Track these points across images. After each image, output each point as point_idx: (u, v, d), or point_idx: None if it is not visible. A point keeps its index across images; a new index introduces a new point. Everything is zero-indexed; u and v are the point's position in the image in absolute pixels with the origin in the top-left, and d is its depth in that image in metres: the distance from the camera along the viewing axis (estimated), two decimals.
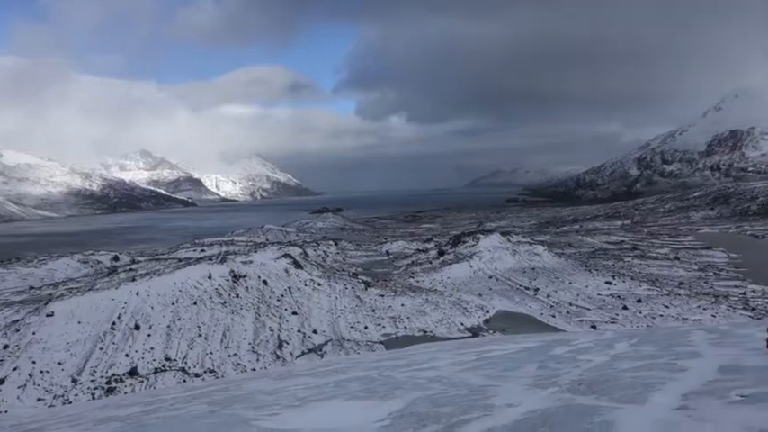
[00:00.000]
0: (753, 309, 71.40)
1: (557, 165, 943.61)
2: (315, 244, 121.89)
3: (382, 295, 73.66)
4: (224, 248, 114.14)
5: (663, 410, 7.93)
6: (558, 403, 9.07)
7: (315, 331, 60.49)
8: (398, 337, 59.11)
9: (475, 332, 61.25)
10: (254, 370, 47.04)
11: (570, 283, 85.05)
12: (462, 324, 65.45)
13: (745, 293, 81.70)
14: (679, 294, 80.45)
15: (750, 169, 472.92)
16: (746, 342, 16.66)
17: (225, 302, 63.97)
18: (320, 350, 55.16)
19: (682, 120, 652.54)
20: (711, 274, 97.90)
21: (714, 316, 67.88)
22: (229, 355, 52.75)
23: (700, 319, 63.98)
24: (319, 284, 75.38)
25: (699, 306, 73.63)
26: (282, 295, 69.92)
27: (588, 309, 73.21)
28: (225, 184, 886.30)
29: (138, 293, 61.13)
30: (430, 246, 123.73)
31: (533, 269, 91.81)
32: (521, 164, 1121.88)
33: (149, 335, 54.50)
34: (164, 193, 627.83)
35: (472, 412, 8.99)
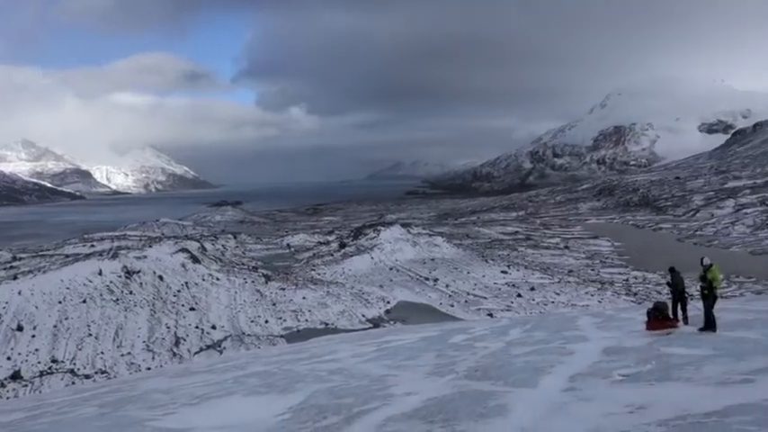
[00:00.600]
0: (635, 294, 75.89)
1: (455, 158, 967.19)
2: (213, 238, 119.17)
3: (283, 288, 73.01)
4: (116, 243, 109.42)
5: (552, 392, 8.36)
6: (454, 390, 9.36)
7: (213, 327, 59.22)
8: (300, 331, 58.86)
9: (376, 323, 61.81)
10: (149, 369, 45.50)
11: (468, 272, 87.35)
12: (364, 315, 65.91)
13: (627, 280, 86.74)
14: (569, 282, 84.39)
15: (632, 163, 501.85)
16: (628, 325, 17.76)
17: (117, 300, 61.48)
18: (219, 346, 54.07)
19: (571, 116, 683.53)
20: (598, 262, 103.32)
21: (600, 301, 71.70)
22: (122, 355, 50.81)
23: (587, 305, 67.42)
24: (218, 279, 73.80)
25: (587, 292, 77.53)
26: (179, 291, 67.97)
27: (485, 297, 75.51)
28: (116, 176, 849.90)
29: (20, 292, 57.74)
30: (331, 238, 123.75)
31: (433, 260, 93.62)
32: (421, 157, 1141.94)
33: (34, 336, 51.65)
34: (48, 185, 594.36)
35: (372, 402, 9.13)
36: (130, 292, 63.95)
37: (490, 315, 63.45)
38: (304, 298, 69.54)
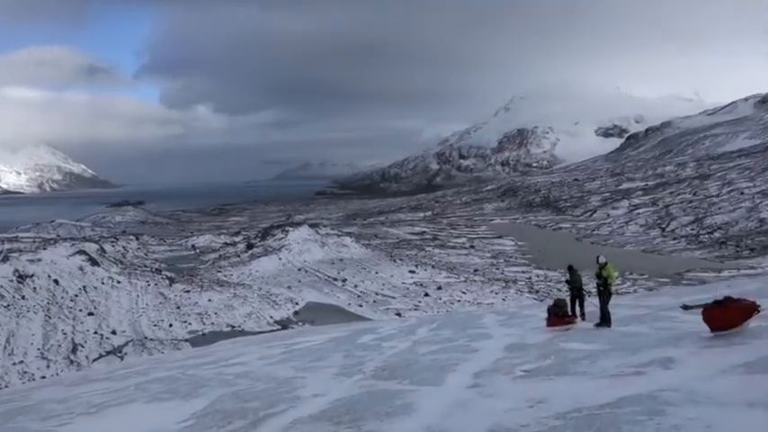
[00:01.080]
0: (537, 291, 78.68)
1: (364, 158, 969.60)
2: (113, 239, 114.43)
3: (188, 291, 71.11)
4: (6, 246, 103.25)
5: (457, 389, 8.52)
6: (362, 390, 9.38)
7: (114, 332, 56.93)
8: (205, 334, 57.50)
9: (284, 325, 61.22)
10: (43, 378, 43.20)
11: (377, 273, 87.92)
12: (272, 317, 65.13)
13: (530, 278, 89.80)
14: (474, 280, 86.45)
15: (534, 164, 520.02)
16: (530, 322, 18.38)
17: (8, 305, 58.06)
18: (120, 352, 52.03)
19: (477, 118, 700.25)
20: (502, 261, 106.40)
21: (504, 299, 73.89)
22: (14, 363, 48.01)
23: (492, 303, 69.31)
24: (119, 282, 70.99)
25: (491, 291, 79.69)
26: (77, 295, 64.92)
27: (393, 297, 76.23)
28: (8, 174, 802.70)
29: None
30: (238, 239, 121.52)
31: (342, 260, 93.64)
32: (329, 157, 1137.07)
33: None
34: None
35: (279, 405, 9.01)
36: (23, 297, 60.55)
37: (398, 315, 64.08)
38: (210, 300, 68.00)
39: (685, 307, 11.85)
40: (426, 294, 76.99)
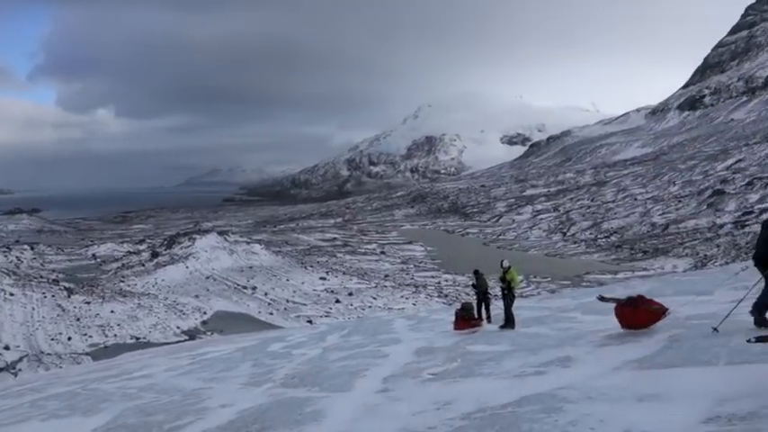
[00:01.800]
0: (446, 296, 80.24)
1: (274, 164, 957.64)
2: (5, 249, 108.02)
3: (88, 302, 68.11)
4: None
5: (366, 395, 8.60)
6: (271, 399, 9.31)
7: (7, 347, 53.75)
8: (108, 347, 55.28)
9: (192, 335, 59.71)
10: None
11: (287, 280, 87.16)
12: (179, 327, 63.38)
13: (439, 282, 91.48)
14: (385, 286, 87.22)
15: (442, 171, 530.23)
16: (439, 326, 18.75)
17: None
18: (13, 368, 49.16)
19: (386, 125, 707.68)
20: (412, 266, 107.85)
21: (415, 304, 74.87)
22: None
23: (403, 308, 70.08)
24: (12, 294, 67.10)
25: (402, 296, 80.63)
26: None
27: (304, 304, 75.79)
28: None
29: None
30: (142, 247, 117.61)
31: (251, 268, 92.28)
32: (238, 163, 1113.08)
33: None
34: None
35: (185, 417, 8.81)
36: None
37: (310, 322, 63.80)
38: (112, 311, 65.40)
39: (602, 298, 12.22)
40: (337, 301, 76.98)
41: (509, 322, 14.94)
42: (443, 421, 6.45)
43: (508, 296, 15.32)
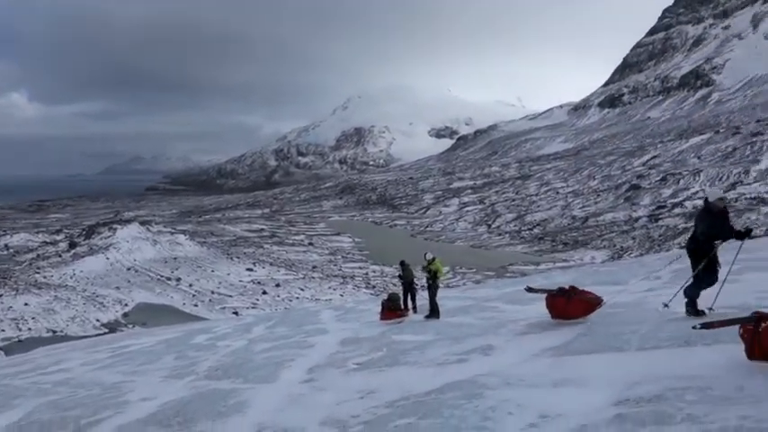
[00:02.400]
0: (373, 287, 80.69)
1: (200, 153, 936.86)
2: None
3: (0, 294, 65.09)
4: None
5: (291, 385, 8.59)
6: (193, 391, 9.17)
7: None
8: (22, 341, 53.00)
9: (112, 328, 57.98)
10: None
11: (213, 271, 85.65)
12: (98, 320, 61.39)
13: (367, 273, 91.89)
14: (313, 277, 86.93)
15: (371, 163, 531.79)
16: (365, 316, 18.87)
17: None
18: None
19: (315, 115, 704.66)
20: (340, 257, 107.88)
21: (342, 295, 74.98)
22: None
23: (330, 299, 70.06)
24: None
25: (330, 287, 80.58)
26: None
27: (230, 296, 74.70)
28: None
29: None
30: (60, 237, 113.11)
31: (175, 259, 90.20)
32: (162, 151, 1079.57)
33: None
34: None
35: (103, 412, 8.58)
36: None
37: (236, 313, 62.95)
38: (26, 304, 62.71)
39: (529, 289, 12.17)
40: (264, 292, 76.26)
41: (434, 312, 15.20)
42: (367, 410, 6.53)
43: (433, 287, 15.60)
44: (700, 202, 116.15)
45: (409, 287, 17.57)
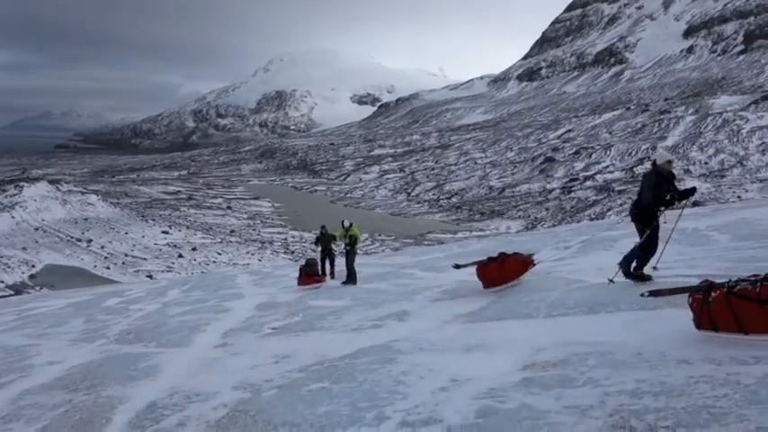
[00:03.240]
0: (292, 252, 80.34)
1: (113, 111, 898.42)
2: None
3: None
4: None
5: (204, 350, 8.50)
6: (103, 355, 8.93)
7: None
8: None
9: (18, 290, 55.58)
10: None
11: (126, 233, 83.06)
12: (2, 282, 58.68)
13: (286, 239, 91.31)
14: (231, 242, 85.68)
15: (292, 127, 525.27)
16: (282, 281, 18.80)
17: None
18: None
19: (236, 77, 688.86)
20: (259, 222, 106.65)
21: (260, 260, 74.36)
22: None
23: (248, 264, 69.36)
24: None
25: (248, 252, 79.67)
26: None
27: (145, 259, 72.77)
28: None
29: None
30: None
31: (86, 220, 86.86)
32: (73, 107, 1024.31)
33: None
34: None
35: (7, 375, 8.25)
36: None
37: (150, 277, 61.51)
38: None
39: (457, 266, 12.00)
40: (180, 256, 74.76)
41: (351, 278, 15.30)
42: (281, 374, 6.54)
43: (351, 253, 15.69)
44: (610, 176, 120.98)
45: (328, 253, 17.61)
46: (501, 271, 10.24)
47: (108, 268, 67.06)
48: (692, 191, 8.54)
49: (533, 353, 6.04)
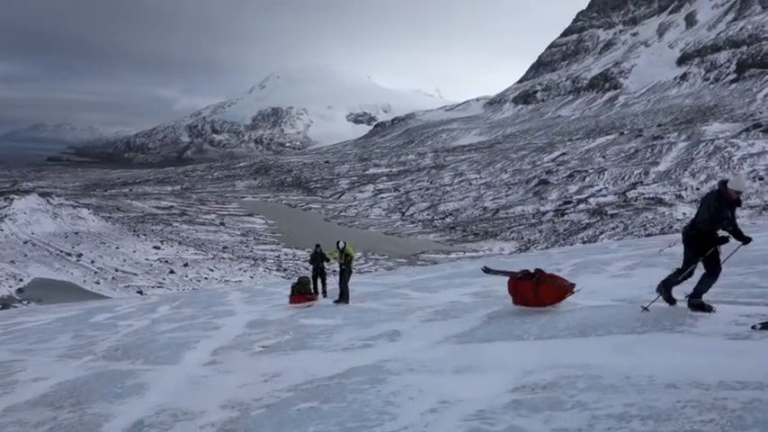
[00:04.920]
0: (285, 270, 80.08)
1: (107, 124, 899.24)
2: None
3: None
4: None
5: (193, 367, 8.43)
6: (90, 372, 8.85)
7: None
8: None
9: (5, 303, 55.03)
10: None
11: (117, 248, 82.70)
12: None
13: (279, 256, 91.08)
14: (223, 258, 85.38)
15: (288, 144, 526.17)
16: (274, 299, 18.73)
17: None
18: None
19: (232, 92, 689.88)
20: (252, 239, 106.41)
21: (252, 277, 74.09)
22: None
23: (240, 281, 69.09)
24: None
25: (240, 268, 79.37)
26: None
27: (135, 274, 72.38)
28: None
29: None
30: None
31: (77, 234, 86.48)
32: (67, 119, 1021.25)
33: None
34: None
35: None
36: None
37: (140, 292, 61.14)
38: None
39: (486, 270, 11.54)
40: (172, 271, 74.39)
41: (343, 297, 15.27)
42: (270, 393, 6.50)
43: (344, 272, 15.67)
44: (603, 200, 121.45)
45: (320, 271, 17.59)
46: (536, 294, 9.53)
47: (98, 283, 66.64)
48: (748, 240, 7.82)
49: (523, 375, 6.03)
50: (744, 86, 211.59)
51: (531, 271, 9.85)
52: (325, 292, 17.39)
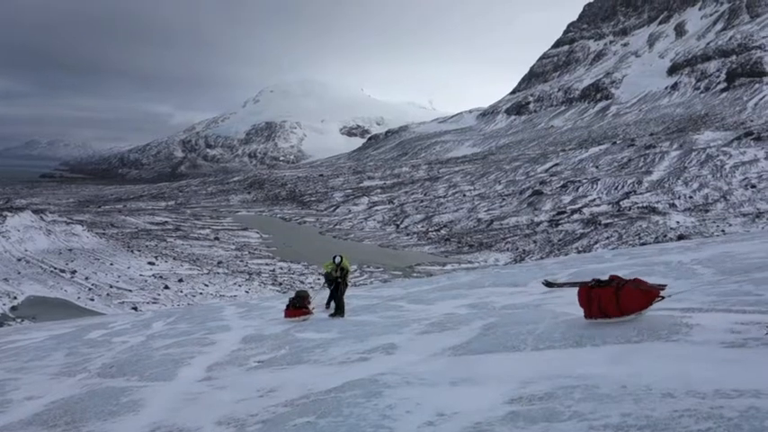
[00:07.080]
0: (280, 284, 79.87)
1: (101, 140, 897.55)
2: None
3: None
4: None
5: (188, 383, 8.39)
6: (84, 390, 8.79)
7: None
8: None
9: None
10: None
11: (112, 264, 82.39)
12: None
13: (274, 270, 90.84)
14: (218, 273, 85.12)
15: (281, 158, 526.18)
16: (269, 313, 18.64)
17: None
18: None
19: (226, 107, 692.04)
20: (247, 253, 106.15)
21: (248, 291, 73.84)
22: None
23: (235, 296, 68.87)
24: None
25: (235, 283, 79.12)
26: None
27: (130, 290, 72.07)
28: None
29: None
30: None
31: (71, 250, 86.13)
32: (60, 136, 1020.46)
33: None
34: None
35: None
36: None
37: (135, 308, 60.84)
38: None
39: (547, 284, 10.63)
40: (166, 287, 74.09)
41: (339, 310, 15.22)
42: (266, 408, 6.47)
43: (342, 285, 15.63)
44: (597, 209, 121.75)
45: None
46: (618, 300, 8.14)
47: (92, 300, 66.29)
48: None
49: (520, 386, 6.02)
50: (734, 95, 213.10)
51: (603, 278, 8.63)
52: (328, 305, 17.31)
